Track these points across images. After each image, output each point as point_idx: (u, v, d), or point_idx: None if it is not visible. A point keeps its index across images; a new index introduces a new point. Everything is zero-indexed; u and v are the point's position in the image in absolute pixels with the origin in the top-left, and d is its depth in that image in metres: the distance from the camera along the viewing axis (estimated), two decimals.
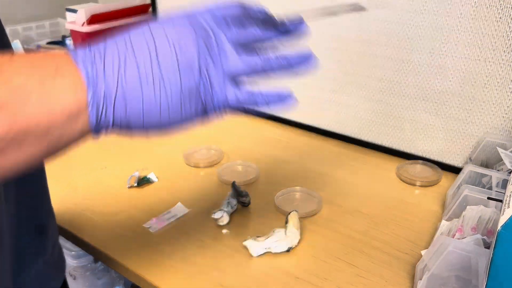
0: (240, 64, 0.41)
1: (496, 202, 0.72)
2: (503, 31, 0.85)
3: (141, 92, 0.37)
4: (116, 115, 0.37)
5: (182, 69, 0.38)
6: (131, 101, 0.37)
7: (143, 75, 0.37)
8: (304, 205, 0.90)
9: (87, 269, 1.13)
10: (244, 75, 0.42)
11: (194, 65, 0.38)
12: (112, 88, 0.36)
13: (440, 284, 0.63)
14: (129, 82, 0.36)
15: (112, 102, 0.36)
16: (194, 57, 0.39)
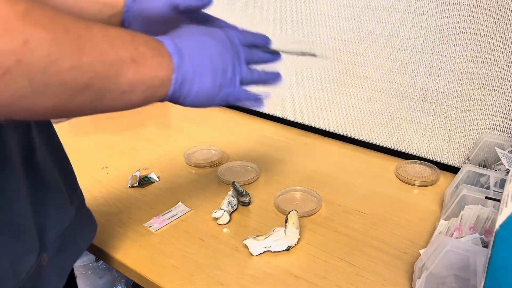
0: (247, 75, 0.59)
1: (494, 202, 0.73)
2: (501, 32, 0.86)
3: (200, 80, 0.53)
4: (182, 92, 0.52)
5: (221, 72, 0.56)
6: (192, 85, 0.53)
7: (202, 70, 0.53)
8: (304, 204, 0.90)
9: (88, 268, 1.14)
10: (248, 82, 0.60)
11: (228, 70, 0.56)
12: (186, 75, 0.52)
13: (438, 283, 0.64)
14: (195, 72, 0.53)
15: (184, 83, 0.52)
16: (229, 65, 0.56)
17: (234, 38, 0.58)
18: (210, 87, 0.54)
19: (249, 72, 0.60)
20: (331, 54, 1.10)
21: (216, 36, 0.57)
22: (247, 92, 0.60)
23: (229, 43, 0.57)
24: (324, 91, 1.15)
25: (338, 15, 1.05)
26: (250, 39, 0.62)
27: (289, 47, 0.67)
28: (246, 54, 0.59)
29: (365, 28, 1.02)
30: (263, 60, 0.63)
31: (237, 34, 0.59)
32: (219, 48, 0.56)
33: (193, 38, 0.54)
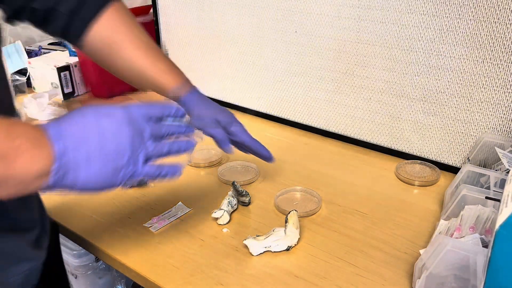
0: (154, 151, 0.57)
1: (494, 202, 0.73)
2: (501, 32, 0.86)
3: (87, 167, 0.51)
4: (65, 181, 0.50)
5: (116, 155, 0.53)
6: (78, 174, 0.51)
7: (89, 157, 0.51)
8: (304, 204, 0.90)
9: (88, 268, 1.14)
10: (156, 157, 0.58)
11: (126, 151, 0.53)
12: (68, 164, 0.50)
13: (438, 283, 0.64)
14: (79, 161, 0.50)
15: (66, 173, 0.50)
16: (127, 146, 0.53)
17: (135, 115, 0.55)
18: (102, 172, 0.52)
19: (157, 147, 0.57)
20: (331, 54, 1.10)
21: (112, 116, 0.53)
22: (157, 168, 0.57)
23: (127, 122, 0.54)
24: (324, 91, 1.15)
25: (338, 15, 1.05)
26: (157, 112, 0.58)
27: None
28: (153, 129, 0.57)
29: (365, 28, 1.02)
30: (173, 132, 0.60)
31: (140, 110, 0.56)
32: (113, 129, 0.53)
33: (83, 122, 0.52)
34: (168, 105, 0.60)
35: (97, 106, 0.54)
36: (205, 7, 1.29)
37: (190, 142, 0.62)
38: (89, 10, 0.73)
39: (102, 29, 0.75)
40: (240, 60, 1.28)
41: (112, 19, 0.75)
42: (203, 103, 0.84)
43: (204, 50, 1.36)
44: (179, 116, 0.61)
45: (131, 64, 0.77)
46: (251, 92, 1.30)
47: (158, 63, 0.79)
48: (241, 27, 1.24)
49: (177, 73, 0.82)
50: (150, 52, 0.78)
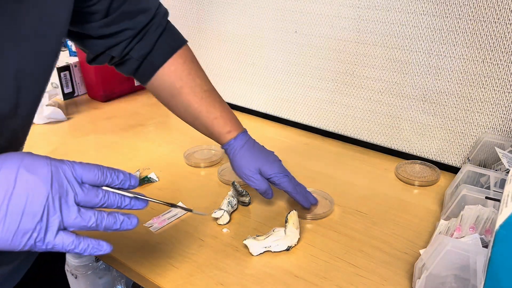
0: (76, 221, 0.49)
1: (494, 202, 0.73)
2: (501, 32, 0.86)
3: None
4: None
5: (26, 215, 0.45)
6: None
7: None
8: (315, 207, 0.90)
9: (88, 268, 1.14)
10: (77, 228, 0.49)
11: (37, 214, 0.46)
12: None
13: (438, 283, 0.64)
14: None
15: None
16: (40, 208, 0.46)
17: (64, 175, 0.48)
18: (1, 232, 0.45)
19: (82, 217, 0.49)
20: (331, 54, 1.10)
21: (34, 171, 0.46)
22: (75, 239, 0.49)
23: (50, 181, 0.46)
24: (324, 91, 1.15)
25: (338, 15, 1.05)
26: (95, 177, 0.50)
27: (157, 199, 0.59)
28: (82, 195, 0.49)
29: (365, 28, 1.02)
30: (112, 204, 0.52)
31: (74, 170, 0.48)
32: (29, 186, 0.45)
33: (0, 169, 0.45)
34: (114, 171, 0.52)
35: (25, 156, 0.47)
36: (205, 7, 1.29)
37: (130, 220, 0.53)
38: (158, 57, 0.78)
39: (167, 75, 0.79)
40: (240, 60, 1.28)
41: (177, 66, 0.80)
42: (248, 150, 0.84)
43: (204, 50, 1.36)
44: (126, 187, 0.53)
45: (188, 109, 0.81)
46: (251, 92, 1.30)
47: (212, 109, 0.82)
48: (241, 27, 1.24)
49: (229, 119, 0.85)
50: (207, 99, 0.82)
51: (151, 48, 0.77)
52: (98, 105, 1.41)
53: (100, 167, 0.51)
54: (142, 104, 1.42)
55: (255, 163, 0.83)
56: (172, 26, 0.82)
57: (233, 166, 0.85)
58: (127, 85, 1.48)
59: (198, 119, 0.82)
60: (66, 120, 1.30)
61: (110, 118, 1.32)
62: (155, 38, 0.77)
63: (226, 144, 0.84)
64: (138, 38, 0.75)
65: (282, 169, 0.85)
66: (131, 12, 0.72)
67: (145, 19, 0.74)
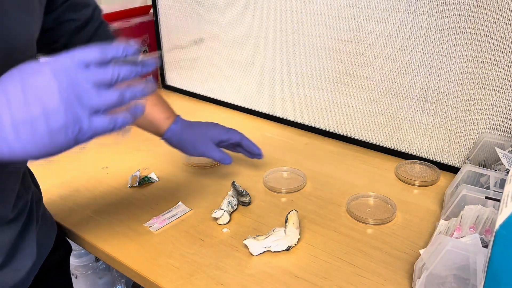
0: (100, 101, 0.48)
1: (494, 202, 0.73)
2: (501, 32, 0.86)
3: (15, 137, 0.45)
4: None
5: (49, 114, 0.46)
6: (9, 144, 0.45)
7: (17, 122, 0.45)
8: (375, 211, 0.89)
9: (88, 268, 1.14)
10: (106, 108, 0.49)
11: (60, 109, 0.46)
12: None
13: (438, 283, 0.64)
14: (6, 128, 0.45)
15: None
16: (59, 103, 0.46)
17: (67, 64, 0.47)
18: (35, 138, 0.46)
19: (104, 96, 0.48)
20: (331, 54, 1.10)
21: (38, 73, 0.46)
22: (110, 120, 0.49)
23: (56, 75, 0.46)
24: (324, 91, 1.15)
25: (338, 15, 1.05)
26: (97, 56, 0.49)
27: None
28: (93, 76, 0.48)
29: (365, 28, 1.02)
30: (126, 75, 0.50)
31: (73, 58, 0.48)
32: (39, 87, 0.46)
33: (5, 85, 0.46)
34: (112, 45, 0.50)
35: (22, 65, 0.47)
36: (205, 7, 1.29)
37: (151, 84, 0.53)
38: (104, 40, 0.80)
39: None
40: (240, 60, 1.28)
41: None
42: (190, 130, 0.89)
43: (204, 50, 1.36)
44: (130, 54, 0.51)
45: None
46: (251, 92, 1.30)
47: (150, 97, 0.84)
48: (241, 27, 1.24)
49: (166, 106, 0.88)
50: None
51: (88, 39, 0.78)
52: None
53: (98, 46, 0.49)
54: None
55: (203, 137, 0.87)
56: (106, 22, 0.83)
57: (184, 148, 0.89)
58: None
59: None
60: None
61: None
62: (92, 30, 0.79)
63: (168, 131, 0.87)
64: (79, 30, 0.77)
65: (224, 128, 0.92)
66: (77, 4, 0.76)
67: (88, 12, 0.77)
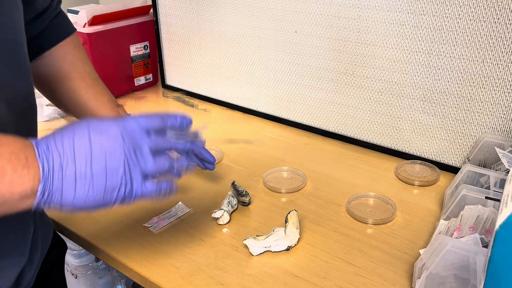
0: (154, 167, 0.53)
1: (494, 202, 0.73)
2: (501, 32, 0.86)
3: (74, 188, 0.48)
4: (53, 201, 0.48)
5: (109, 172, 0.49)
6: (67, 194, 0.48)
7: (78, 176, 0.48)
8: (376, 212, 0.89)
9: (88, 268, 1.14)
10: (156, 174, 0.54)
11: (119, 169, 0.50)
12: (56, 183, 0.48)
13: (438, 283, 0.64)
14: (67, 180, 0.48)
15: (54, 193, 0.48)
16: (120, 163, 0.50)
17: (132, 129, 0.52)
18: (91, 193, 0.49)
19: (158, 164, 0.53)
20: (331, 54, 1.10)
21: (105, 132, 0.50)
22: (157, 185, 0.54)
23: (121, 138, 0.50)
24: (324, 91, 1.15)
25: (338, 15, 1.05)
26: (157, 124, 0.54)
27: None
28: (153, 144, 0.53)
29: (365, 28, 1.02)
30: (178, 148, 0.57)
31: (138, 123, 0.53)
32: (105, 146, 0.49)
33: (73, 140, 0.49)
34: (171, 115, 0.56)
35: (91, 121, 0.51)
36: (205, 7, 1.29)
37: (193, 164, 0.59)
38: (48, 39, 0.78)
39: (55, 58, 0.79)
40: (240, 60, 1.28)
41: (66, 50, 0.80)
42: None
43: (204, 50, 1.36)
44: (185, 125, 0.58)
45: (74, 95, 0.81)
46: (251, 92, 1.30)
47: (100, 96, 0.82)
48: (241, 27, 1.24)
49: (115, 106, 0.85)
50: (95, 86, 0.82)
51: (42, 29, 0.77)
52: None
53: (159, 115, 0.55)
54: (142, 104, 1.42)
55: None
56: (64, 14, 0.81)
57: None
58: (127, 85, 1.48)
59: (83, 106, 0.81)
60: (66, 120, 1.30)
61: None
62: (48, 20, 0.77)
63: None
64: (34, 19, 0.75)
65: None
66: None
67: (44, 3, 0.75)
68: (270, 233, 0.78)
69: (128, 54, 1.44)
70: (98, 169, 0.49)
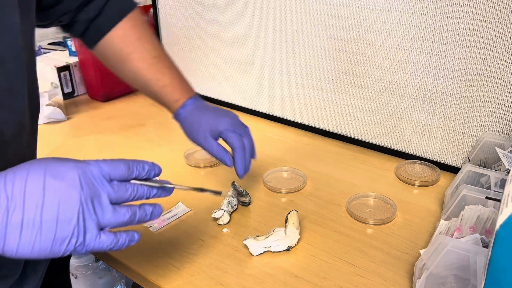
0: (112, 219, 0.48)
1: (495, 202, 0.73)
2: (501, 32, 0.86)
3: (20, 236, 0.43)
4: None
5: (61, 222, 0.44)
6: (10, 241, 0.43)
7: (25, 223, 0.43)
8: (376, 212, 0.89)
9: (88, 268, 1.13)
10: (114, 226, 0.49)
11: (73, 219, 0.45)
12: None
13: (438, 283, 0.64)
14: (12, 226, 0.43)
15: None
16: (74, 213, 0.45)
17: (92, 175, 0.48)
18: (37, 242, 0.44)
19: (117, 215, 0.49)
20: (331, 54, 1.10)
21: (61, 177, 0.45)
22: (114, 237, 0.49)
23: (80, 185, 0.46)
24: (324, 91, 1.15)
25: (338, 15, 1.05)
26: (122, 173, 0.50)
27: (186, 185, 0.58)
28: (113, 193, 0.49)
29: (365, 28, 1.02)
30: (142, 196, 0.52)
31: (101, 169, 0.49)
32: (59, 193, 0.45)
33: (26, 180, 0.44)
34: (139, 163, 0.53)
35: (48, 162, 0.46)
36: (205, 7, 1.29)
37: (157, 209, 0.54)
38: (106, 21, 0.76)
39: (115, 40, 0.77)
40: (240, 60, 1.28)
41: (125, 30, 0.77)
42: (196, 115, 0.80)
43: (204, 50, 1.36)
44: (152, 176, 0.54)
45: (136, 76, 0.79)
46: (251, 92, 1.30)
47: (161, 76, 0.79)
48: (241, 27, 1.24)
49: (178, 87, 0.81)
50: (156, 65, 0.79)
51: (98, 12, 0.75)
52: (98, 105, 1.41)
53: (125, 162, 0.52)
54: (142, 104, 1.42)
55: (204, 127, 0.79)
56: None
57: (187, 133, 0.83)
58: (127, 85, 1.47)
59: (147, 87, 0.80)
60: (66, 120, 1.30)
61: (110, 118, 1.32)
62: (103, 2, 0.75)
63: (175, 114, 0.82)
64: (86, 1, 0.73)
65: (232, 125, 0.80)
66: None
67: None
68: (270, 233, 0.78)
69: None
70: (49, 218, 0.44)
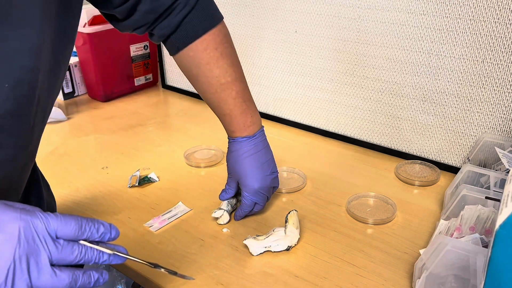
0: (49, 283, 0.43)
1: (494, 202, 0.73)
2: (501, 32, 0.86)
3: None
4: None
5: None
6: None
7: None
8: (375, 212, 0.89)
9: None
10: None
11: (0, 276, 0.40)
12: None
13: (438, 283, 0.64)
14: None
15: None
16: (4, 270, 0.40)
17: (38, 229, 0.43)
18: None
19: (56, 278, 0.43)
20: (331, 54, 1.10)
21: (1, 227, 0.41)
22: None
23: (18, 240, 0.41)
24: (324, 91, 1.15)
25: (338, 15, 1.05)
26: (72, 232, 0.45)
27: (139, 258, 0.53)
28: (59, 253, 0.44)
29: (365, 28, 1.02)
30: (89, 260, 0.47)
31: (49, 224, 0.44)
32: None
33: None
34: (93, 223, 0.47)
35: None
36: None
37: (103, 277, 0.49)
38: (179, 39, 0.74)
39: (185, 59, 0.77)
40: (240, 60, 1.28)
41: (196, 52, 0.76)
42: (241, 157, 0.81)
43: None
44: (106, 240, 0.48)
45: (204, 95, 0.81)
46: (251, 92, 1.30)
47: (223, 105, 0.80)
48: (241, 27, 1.24)
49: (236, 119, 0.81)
50: (221, 93, 0.78)
51: (173, 30, 0.73)
52: (98, 105, 1.41)
53: (78, 220, 0.46)
54: (142, 104, 1.42)
55: (235, 173, 0.82)
56: (205, 5, 0.75)
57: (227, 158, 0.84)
58: (127, 85, 1.48)
59: (211, 108, 0.83)
60: (66, 120, 1.30)
61: (110, 118, 1.32)
62: (179, 19, 0.72)
63: (229, 141, 0.83)
64: (161, 19, 0.72)
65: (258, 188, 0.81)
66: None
67: (167, 1, 0.70)
68: (270, 233, 0.78)
69: (128, 54, 1.44)
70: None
